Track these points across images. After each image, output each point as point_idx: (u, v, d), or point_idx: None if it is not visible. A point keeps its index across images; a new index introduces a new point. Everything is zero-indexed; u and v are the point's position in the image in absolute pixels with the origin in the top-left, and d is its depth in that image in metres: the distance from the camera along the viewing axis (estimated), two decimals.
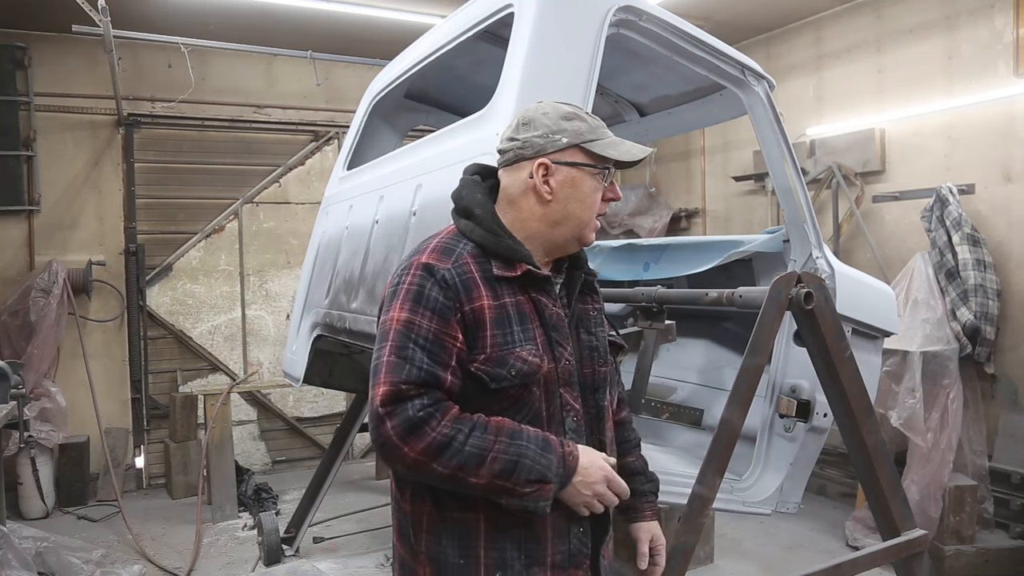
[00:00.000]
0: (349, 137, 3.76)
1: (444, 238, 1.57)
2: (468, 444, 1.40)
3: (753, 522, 4.89)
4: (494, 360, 1.47)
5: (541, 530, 1.51)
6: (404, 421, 1.40)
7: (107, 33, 4.72)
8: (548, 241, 1.58)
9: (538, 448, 1.45)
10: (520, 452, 1.43)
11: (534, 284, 1.54)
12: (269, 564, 4.33)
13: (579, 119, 1.58)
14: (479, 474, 1.40)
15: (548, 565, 1.53)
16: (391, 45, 4.40)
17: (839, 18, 5.69)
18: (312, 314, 3.45)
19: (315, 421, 6.71)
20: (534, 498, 1.44)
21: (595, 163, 1.57)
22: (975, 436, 4.54)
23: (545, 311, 1.54)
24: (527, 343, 1.50)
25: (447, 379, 1.45)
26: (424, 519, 1.54)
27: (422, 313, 1.46)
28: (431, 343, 1.45)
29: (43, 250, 5.80)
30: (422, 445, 1.39)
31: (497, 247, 1.53)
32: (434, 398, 1.43)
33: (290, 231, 6.61)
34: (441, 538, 1.52)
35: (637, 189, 7.30)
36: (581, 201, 1.57)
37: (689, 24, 2.63)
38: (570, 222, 1.57)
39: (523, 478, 1.42)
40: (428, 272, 1.49)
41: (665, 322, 2.92)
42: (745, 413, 2.31)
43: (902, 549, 2.61)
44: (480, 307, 1.48)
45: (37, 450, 5.29)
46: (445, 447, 1.40)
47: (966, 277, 4.49)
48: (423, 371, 1.43)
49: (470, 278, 1.49)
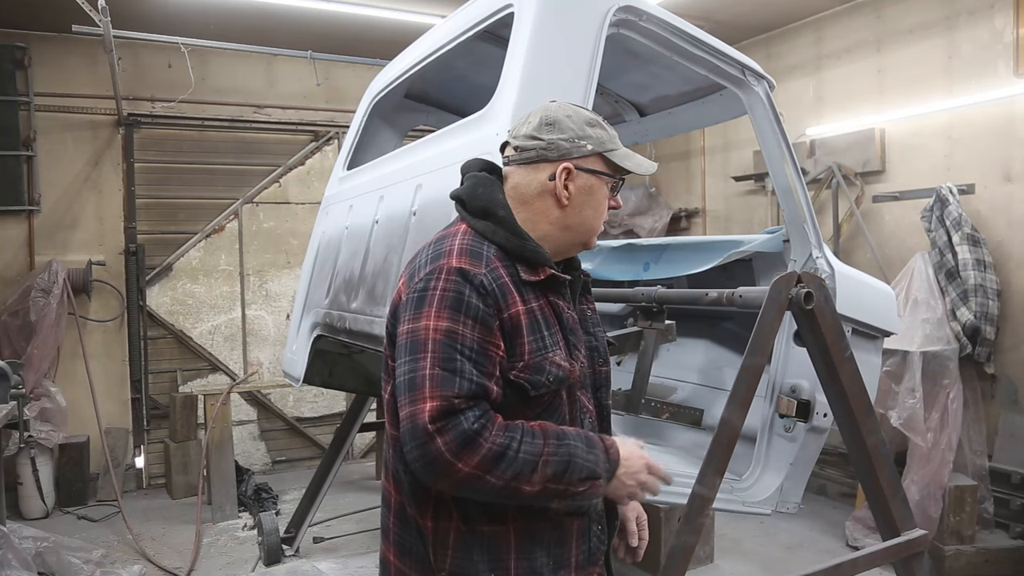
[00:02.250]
0: (349, 137, 3.76)
1: (466, 240, 1.50)
2: (521, 452, 1.36)
3: (753, 522, 4.89)
4: (532, 367, 1.45)
5: (568, 533, 1.52)
6: (459, 435, 1.33)
7: (107, 33, 4.72)
8: (556, 244, 1.58)
9: (585, 446, 1.44)
10: (571, 452, 1.41)
11: (553, 288, 1.54)
12: (269, 564, 4.33)
13: (600, 127, 1.59)
14: (532, 481, 1.37)
15: (573, 566, 1.54)
16: (391, 45, 4.40)
17: (839, 18, 5.69)
18: (312, 314, 3.45)
19: (315, 421, 6.71)
20: (587, 496, 1.44)
21: (612, 173, 1.59)
22: (975, 436, 4.54)
23: (563, 315, 1.54)
24: (556, 348, 1.49)
25: (495, 390, 1.41)
26: (450, 536, 1.49)
27: (463, 322, 1.40)
28: (477, 353, 1.39)
29: (43, 250, 5.80)
30: (477, 459, 1.33)
31: (523, 251, 1.50)
32: (484, 409, 1.38)
33: (290, 231, 6.61)
34: (471, 553, 1.48)
35: (637, 189, 7.30)
36: (595, 208, 1.58)
37: (689, 24, 2.63)
38: (582, 228, 1.58)
39: (576, 477, 1.41)
40: (464, 277, 1.42)
41: (665, 322, 2.92)
42: (745, 413, 2.31)
43: (902, 549, 2.61)
44: (516, 313, 1.45)
45: (37, 450, 5.29)
46: (501, 457, 1.35)
47: (966, 277, 4.49)
48: (474, 383, 1.37)
49: (504, 284, 1.45)
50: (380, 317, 2.64)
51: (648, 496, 1.54)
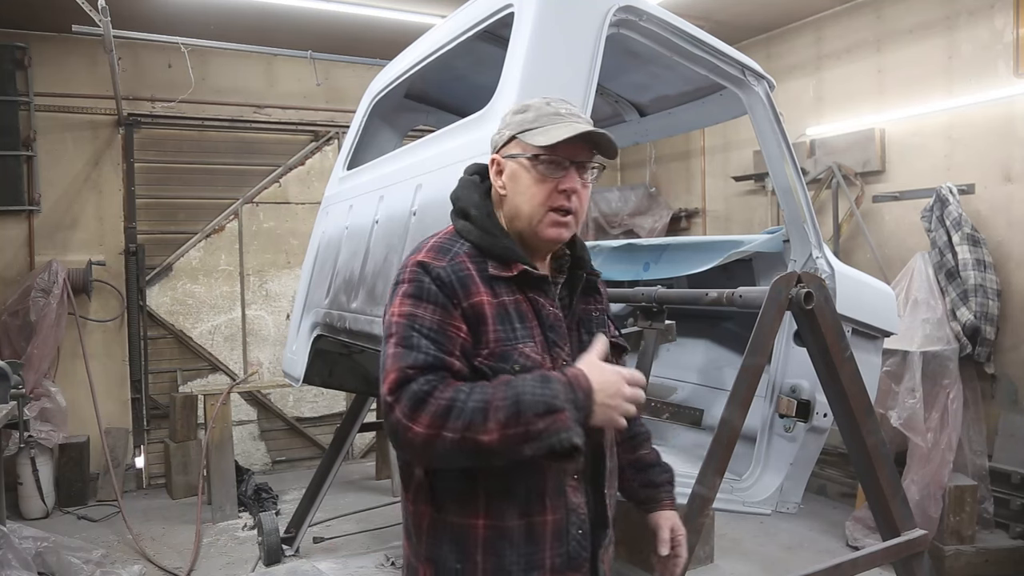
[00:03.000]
0: (349, 137, 3.76)
1: (440, 238, 1.56)
2: (470, 401, 1.35)
3: (753, 522, 4.89)
4: (497, 355, 1.45)
5: (542, 532, 1.48)
6: (410, 398, 1.35)
7: (107, 33, 4.72)
8: (519, 236, 1.57)
9: (536, 383, 1.38)
10: (518, 392, 1.36)
11: (531, 284, 1.53)
12: (269, 564, 4.33)
13: (529, 111, 1.55)
14: (488, 429, 1.33)
15: (547, 568, 1.49)
16: (391, 45, 4.40)
17: (839, 18, 5.69)
18: (312, 314, 3.45)
19: (315, 421, 6.71)
20: (552, 431, 1.34)
21: (526, 153, 1.52)
22: (975, 436, 4.54)
23: (543, 311, 1.53)
24: (528, 341, 1.49)
25: (455, 364, 1.42)
26: (425, 520, 1.52)
27: (423, 306, 1.45)
28: (435, 332, 1.43)
29: (43, 250, 5.80)
30: (428, 417, 1.34)
31: (493, 248, 1.52)
32: (440, 376, 1.39)
33: (290, 231, 6.61)
34: (441, 541, 1.50)
35: (637, 189, 7.31)
36: (522, 194, 1.53)
37: (689, 24, 2.63)
38: (521, 217, 1.55)
39: (531, 413, 1.34)
40: (424, 269, 1.48)
41: (665, 322, 2.92)
42: (745, 413, 2.31)
43: (902, 549, 2.61)
44: (480, 303, 1.46)
45: (37, 450, 5.29)
46: (449, 410, 1.34)
47: (966, 277, 4.49)
48: (429, 356, 1.40)
49: (467, 275, 1.48)
50: (380, 317, 2.64)
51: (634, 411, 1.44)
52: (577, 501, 1.51)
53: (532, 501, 1.47)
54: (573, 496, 1.51)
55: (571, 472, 1.51)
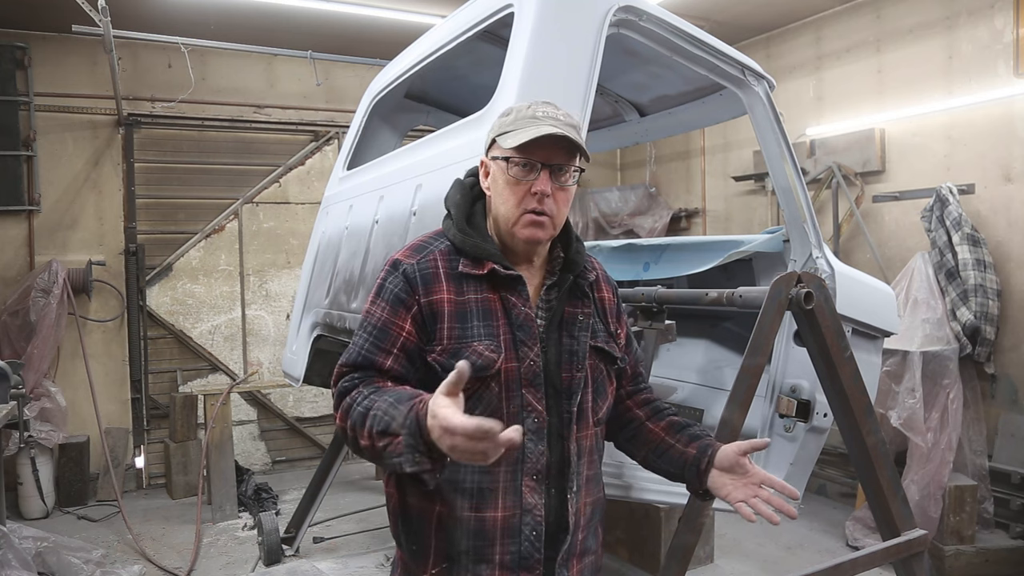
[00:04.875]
0: (349, 137, 3.76)
1: (424, 237, 1.65)
2: (358, 405, 1.42)
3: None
4: (449, 352, 1.49)
5: (492, 527, 1.49)
6: (337, 393, 1.50)
7: (107, 33, 4.72)
8: (501, 235, 1.59)
9: (390, 402, 1.35)
10: (372, 405, 1.37)
11: (504, 283, 1.55)
12: (269, 564, 4.33)
13: (511, 113, 1.56)
14: (362, 434, 1.38)
15: (496, 564, 1.49)
16: (391, 45, 4.40)
17: (839, 18, 5.69)
18: (312, 314, 3.45)
19: (315, 421, 6.70)
20: (391, 453, 1.31)
21: (502, 155, 1.53)
22: (975, 436, 4.55)
23: (513, 310, 1.54)
24: (486, 339, 1.50)
25: (385, 363, 1.50)
26: (392, 503, 1.61)
27: (379, 304, 1.55)
28: (377, 330, 1.53)
29: (43, 250, 5.80)
30: (342, 412, 1.46)
31: (464, 245, 1.56)
32: (366, 375, 1.50)
33: (290, 231, 6.61)
34: (401, 523, 1.58)
35: (637, 189, 7.31)
36: (499, 195, 1.56)
37: (689, 24, 2.62)
38: (499, 218, 1.57)
39: (376, 430, 1.34)
40: (393, 267, 1.57)
41: (665, 322, 2.92)
42: (745, 413, 2.31)
43: (902, 549, 2.61)
44: (439, 300, 1.52)
45: (37, 450, 5.29)
46: (348, 410, 1.44)
47: (966, 277, 4.49)
48: (361, 354, 1.52)
49: (432, 273, 1.54)
50: None
51: (484, 461, 1.21)
52: (533, 501, 1.51)
53: (484, 496, 1.49)
54: (529, 496, 1.51)
55: (529, 472, 1.51)
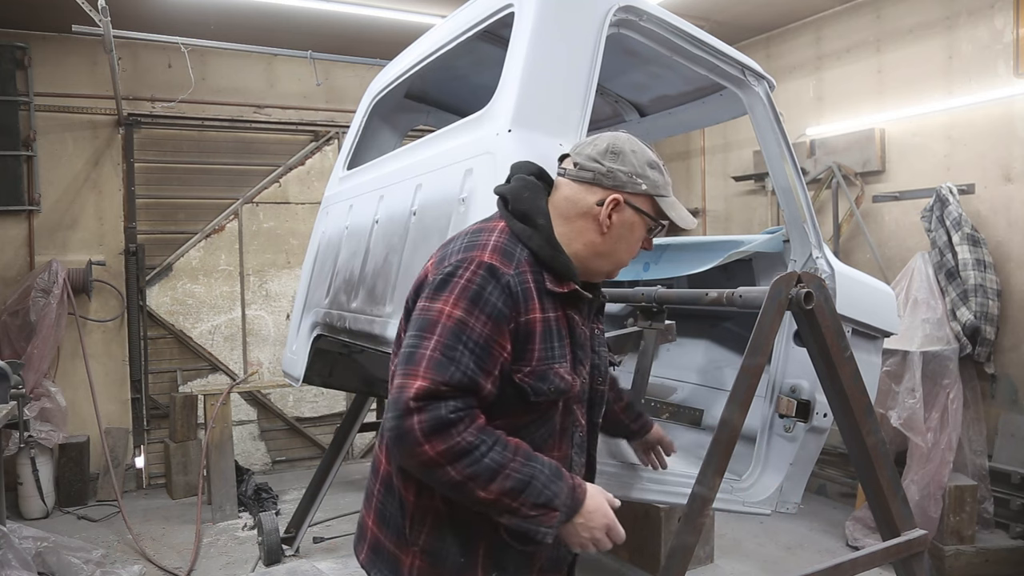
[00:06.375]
0: (349, 137, 3.76)
1: (501, 238, 1.53)
2: (488, 456, 1.39)
3: (753, 522, 4.89)
4: (537, 374, 1.48)
5: None
6: (433, 419, 1.36)
7: (107, 33, 4.72)
8: (583, 265, 1.61)
9: (551, 474, 1.45)
10: (533, 474, 1.42)
11: (571, 302, 1.57)
12: (269, 564, 4.33)
13: (659, 171, 1.65)
14: (488, 488, 1.39)
15: (536, 569, 1.58)
16: (391, 45, 4.40)
17: (839, 18, 5.69)
18: (312, 314, 3.44)
19: (315, 421, 6.70)
20: (537, 522, 1.43)
21: (656, 217, 1.64)
22: (975, 436, 4.54)
23: (576, 329, 1.57)
24: (563, 360, 1.53)
25: (486, 387, 1.44)
26: (429, 515, 1.53)
27: (477, 316, 1.43)
28: (481, 348, 1.43)
29: (43, 250, 5.80)
30: (444, 447, 1.36)
31: (554, 262, 1.53)
32: (468, 404, 1.41)
33: (290, 231, 6.61)
34: (445, 535, 1.52)
35: None
36: (629, 244, 1.62)
37: (689, 24, 2.62)
38: (612, 258, 1.62)
39: (531, 500, 1.41)
40: (491, 274, 1.46)
41: (665, 322, 2.92)
42: (745, 413, 2.30)
43: (902, 549, 2.60)
44: (534, 319, 1.48)
45: (37, 450, 5.29)
46: (465, 454, 1.37)
47: (966, 277, 4.49)
48: (467, 376, 1.40)
49: (528, 288, 1.49)
50: (380, 317, 2.64)
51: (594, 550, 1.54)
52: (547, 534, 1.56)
53: None
54: None
55: None
